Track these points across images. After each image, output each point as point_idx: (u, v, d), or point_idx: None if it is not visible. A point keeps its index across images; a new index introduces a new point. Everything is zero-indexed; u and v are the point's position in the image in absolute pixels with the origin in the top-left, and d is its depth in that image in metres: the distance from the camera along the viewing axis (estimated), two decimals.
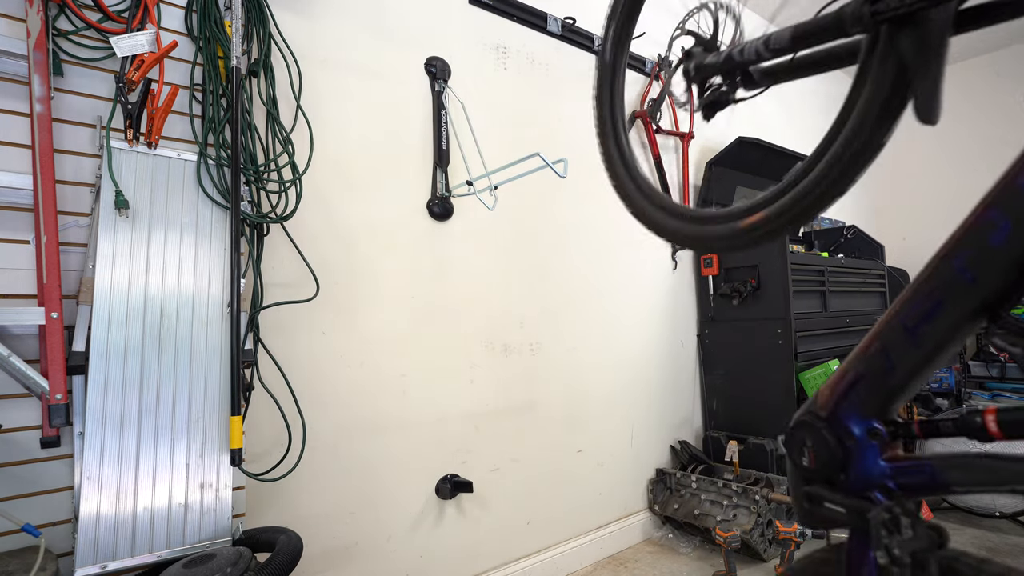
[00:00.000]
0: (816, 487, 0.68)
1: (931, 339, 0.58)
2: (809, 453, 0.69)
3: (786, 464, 0.73)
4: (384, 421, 1.75)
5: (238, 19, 1.40)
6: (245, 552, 1.15)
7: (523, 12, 2.20)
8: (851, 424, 0.66)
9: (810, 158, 0.67)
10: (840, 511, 0.64)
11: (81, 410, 1.18)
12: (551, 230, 2.27)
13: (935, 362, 0.60)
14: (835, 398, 0.68)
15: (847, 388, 0.66)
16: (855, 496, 0.63)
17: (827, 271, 2.82)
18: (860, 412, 0.66)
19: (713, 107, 0.88)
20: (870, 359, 0.64)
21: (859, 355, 0.65)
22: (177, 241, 1.32)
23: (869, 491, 0.63)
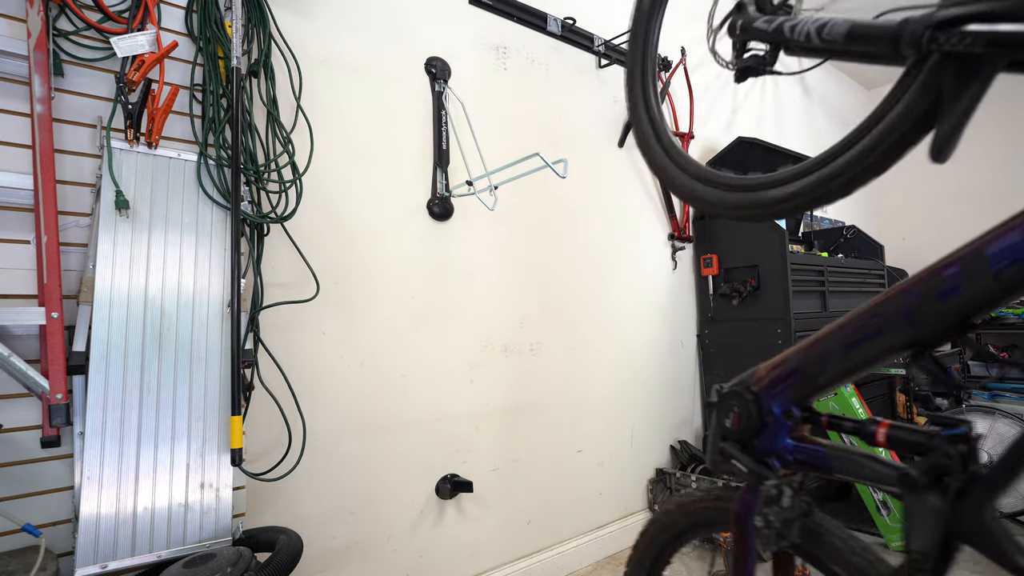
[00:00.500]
0: (731, 445, 0.82)
1: (861, 357, 0.70)
2: (734, 417, 0.83)
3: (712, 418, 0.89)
4: (384, 421, 1.75)
5: (238, 19, 1.40)
6: (245, 552, 1.15)
7: (523, 12, 2.20)
8: (774, 404, 0.80)
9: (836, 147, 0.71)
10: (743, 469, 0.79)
11: (81, 410, 1.18)
12: (551, 230, 2.27)
13: (856, 375, 0.72)
14: (769, 381, 0.80)
15: (781, 376, 0.79)
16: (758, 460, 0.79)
17: (827, 271, 2.82)
18: (784, 397, 0.79)
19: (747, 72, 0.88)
20: (807, 359, 0.76)
21: (800, 352, 0.77)
22: (177, 241, 1.32)
23: (770, 458, 0.78)
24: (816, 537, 0.75)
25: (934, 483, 0.63)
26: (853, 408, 2.37)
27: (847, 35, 0.69)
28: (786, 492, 0.73)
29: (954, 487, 0.62)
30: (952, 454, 0.62)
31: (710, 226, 2.80)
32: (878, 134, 0.68)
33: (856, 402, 2.39)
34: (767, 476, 0.76)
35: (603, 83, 2.53)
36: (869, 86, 4.93)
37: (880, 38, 0.65)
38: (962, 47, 0.56)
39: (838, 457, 0.73)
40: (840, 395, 2.39)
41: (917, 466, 0.65)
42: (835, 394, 2.40)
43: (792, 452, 0.77)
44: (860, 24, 0.68)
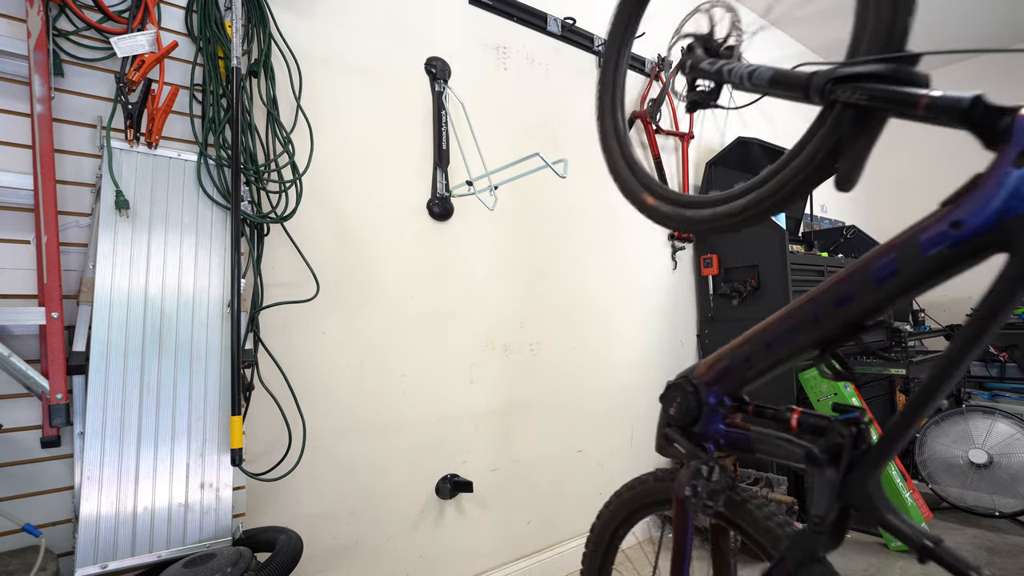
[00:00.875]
0: (674, 430, 0.98)
1: (779, 354, 0.84)
2: (676, 406, 0.98)
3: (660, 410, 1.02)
4: (384, 421, 1.75)
5: (238, 19, 1.40)
6: (245, 552, 1.15)
7: (523, 12, 2.20)
8: (710, 396, 0.94)
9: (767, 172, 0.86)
10: (682, 451, 0.95)
11: (81, 410, 1.18)
12: (551, 230, 2.27)
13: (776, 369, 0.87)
14: (707, 375, 0.94)
15: (716, 371, 0.93)
16: (696, 443, 0.94)
17: (827, 271, 2.82)
18: (719, 389, 0.93)
19: (695, 105, 1.06)
20: (737, 357, 0.90)
21: (733, 350, 0.90)
22: (177, 241, 1.32)
23: (706, 442, 0.93)
24: (738, 506, 0.90)
25: (832, 459, 0.75)
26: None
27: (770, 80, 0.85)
28: (715, 469, 0.88)
29: (845, 462, 0.74)
30: (845, 435, 0.75)
31: None
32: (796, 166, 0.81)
33: (856, 402, 2.39)
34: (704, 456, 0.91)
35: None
36: None
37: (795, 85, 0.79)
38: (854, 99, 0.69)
39: (759, 439, 0.88)
40: (840, 395, 2.39)
41: (818, 445, 0.77)
42: (835, 394, 2.40)
43: (724, 436, 0.92)
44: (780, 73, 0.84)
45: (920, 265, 0.66)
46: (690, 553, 0.99)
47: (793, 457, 0.82)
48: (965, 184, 0.64)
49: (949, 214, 0.64)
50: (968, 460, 2.57)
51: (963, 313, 4.03)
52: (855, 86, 0.70)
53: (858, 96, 0.69)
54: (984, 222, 0.61)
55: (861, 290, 0.71)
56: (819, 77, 0.74)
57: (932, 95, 0.63)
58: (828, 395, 2.42)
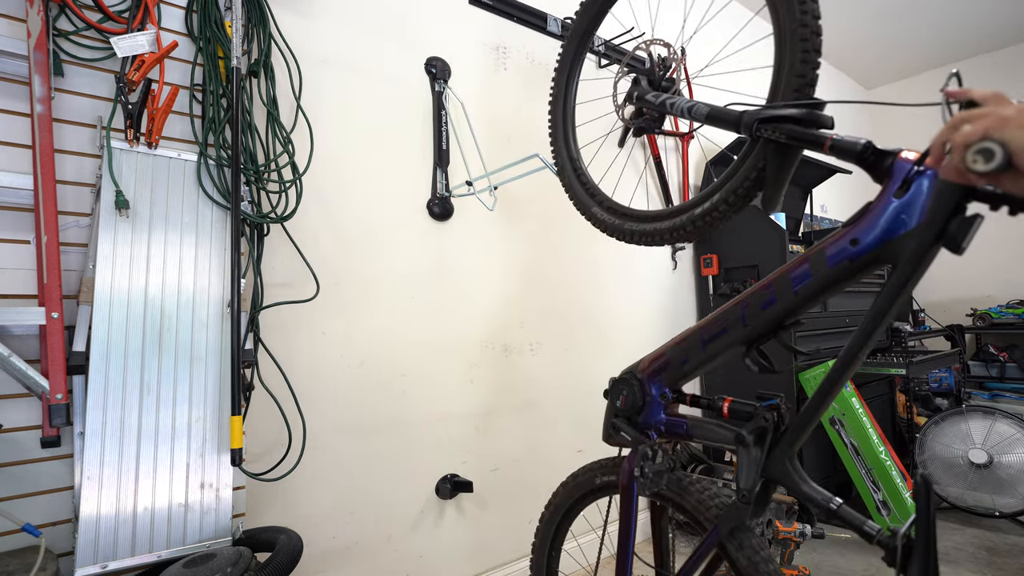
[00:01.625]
0: (621, 420, 1.08)
1: (713, 350, 0.96)
2: (623, 398, 1.09)
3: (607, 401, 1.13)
4: (384, 421, 1.75)
5: (238, 19, 1.40)
6: (245, 552, 1.15)
7: (523, 12, 2.20)
8: (652, 388, 1.06)
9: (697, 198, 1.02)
10: (628, 439, 1.06)
11: (81, 410, 1.18)
12: (551, 230, 2.27)
13: (712, 364, 0.99)
14: (650, 370, 1.07)
15: (658, 366, 1.05)
16: (640, 431, 1.05)
17: None
18: (660, 382, 1.06)
19: (640, 131, 1.25)
20: (676, 352, 1.02)
21: (672, 347, 1.03)
22: (177, 241, 1.32)
23: (649, 429, 1.05)
24: (679, 485, 1.03)
25: (757, 440, 0.88)
26: (853, 407, 2.37)
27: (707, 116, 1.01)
28: (659, 452, 1.01)
29: (768, 442, 0.87)
30: (768, 419, 0.87)
31: None
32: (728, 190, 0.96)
33: (856, 402, 2.39)
34: (647, 441, 1.04)
35: (603, 83, 2.53)
36: (869, 86, 4.93)
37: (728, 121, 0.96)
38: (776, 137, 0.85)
39: (695, 425, 1.00)
40: (841, 395, 2.39)
41: (746, 428, 0.89)
42: None
43: (664, 424, 1.04)
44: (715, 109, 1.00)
45: (827, 274, 0.81)
46: (635, 532, 1.09)
47: (725, 440, 0.94)
48: (860, 210, 0.79)
49: (849, 233, 0.79)
50: (968, 460, 2.57)
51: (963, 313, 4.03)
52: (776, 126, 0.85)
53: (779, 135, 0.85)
54: (874, 240, 0.76)
55: (781, 295, 0.86)
56: (748, 116, 0.89)
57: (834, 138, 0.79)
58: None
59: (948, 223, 0.68)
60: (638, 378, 1.08)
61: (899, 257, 0.74)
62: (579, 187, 1.33)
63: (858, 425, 2.36)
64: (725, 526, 0.92)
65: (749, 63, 2.98)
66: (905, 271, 0.73)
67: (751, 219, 2.64)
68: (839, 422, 2.41)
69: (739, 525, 0.91)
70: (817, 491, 0.82)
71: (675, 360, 1.02)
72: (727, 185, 0.96)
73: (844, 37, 4.01)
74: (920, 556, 0.69)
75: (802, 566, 2.06)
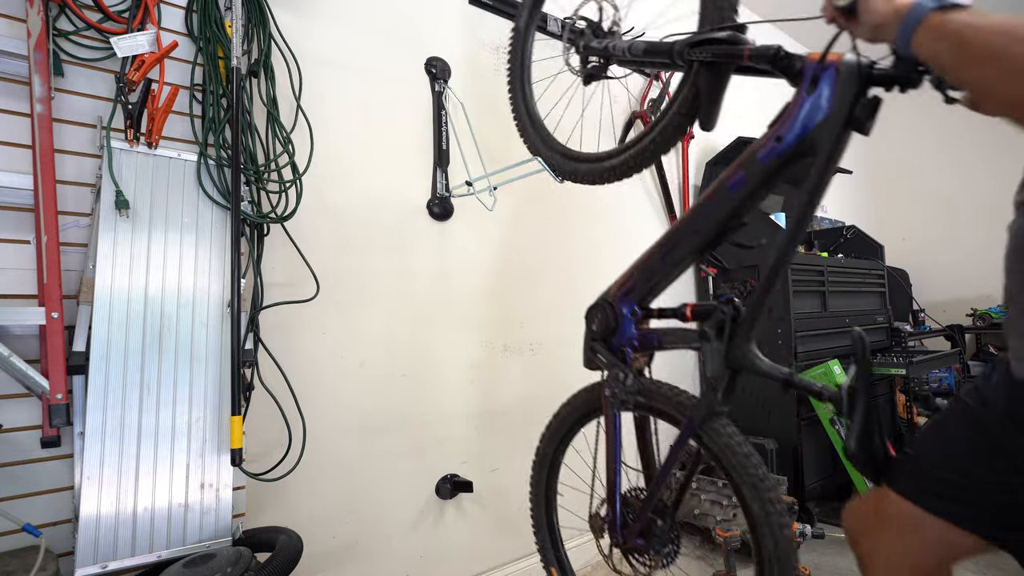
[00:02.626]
0: (598, 343, 1.19)
1: (671, 263, 1.09)
2: (597, 322, 1.19)
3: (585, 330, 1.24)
4: (384, 421, 1.75)
5: (238, 19, 1.40)
6: (245, 552, 1.15)
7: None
8: (623, 308, 1.16)
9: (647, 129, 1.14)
10: (604, 360, 1.17)
11: (81, 410, 1.18)
12: (551, 230, 2.27)
13: (672, 276, 1.12)
14: (619, 292, 1.17)
15: (626, 287, 1.16)
16: (616, 351, 1.16)
17: (827, 271, 2.82)
18: (629, 301, 1.16)
19: (590, 78, 1.36)
20: (641, 272, 1.14)
21: (636, 268, 1.14)
22: (177, 241, 1.32)
23: (624, 347, 1.15)
24: (649, 394, 1.13)
25: (718, 333, 0.98)
26: None
27: (644, 51, 1.13)
28: (629, 375, 1.13)
29: (728, 333, 0.97)
30: (725, 311, 0.97)
31: None
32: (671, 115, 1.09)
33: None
34: (619, 366, 1.14)
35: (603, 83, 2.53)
36: None
37: (663, 52, 1.08)
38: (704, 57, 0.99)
39: (664, 334, 1.11)
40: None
41: (707, 324, 1.00)
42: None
43: (637, 339, 1.15)
44: (651, 44, 1.12)
45: (760, 171, 0.93)
46: (621, 442, 1.19)
47: (690, 339, 1.05)
48: (780, 111, 0.91)
49: (774, 132, 0.91)
50: None
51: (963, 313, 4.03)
52: (704, 48, 0.99)
53: (706, 55, 0.99)
54: (795, 135, 0.88)
55: (722, 201, 0.98)
56: (679, 44, 1.03)
57: (751, 47, 0.93)
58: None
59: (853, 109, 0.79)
60: (609, 302, 1.18)
61: (817, 145, 0.85)
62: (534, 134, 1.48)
63: None
64: (698, 415, 1.00)
65: None
66: (823, 158, 0.84)
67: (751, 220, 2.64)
68: (839, 422, 2.41)
69: (710, 413, 0.99)
70: (772, 367, 0.94)
71: (640, 278, 1.14)
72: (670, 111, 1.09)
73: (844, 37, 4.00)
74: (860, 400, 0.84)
75: (802, 566, 2.06)
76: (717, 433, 0.99)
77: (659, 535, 1.14)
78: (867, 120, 0.80)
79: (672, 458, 1.08)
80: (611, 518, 1.19)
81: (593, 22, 1.35)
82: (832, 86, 0.82)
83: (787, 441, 2.50)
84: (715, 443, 0.99)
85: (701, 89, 1.02)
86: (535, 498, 1.46)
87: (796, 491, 2.45)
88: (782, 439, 2.50)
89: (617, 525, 1.18)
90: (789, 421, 2.49)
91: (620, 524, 1.17)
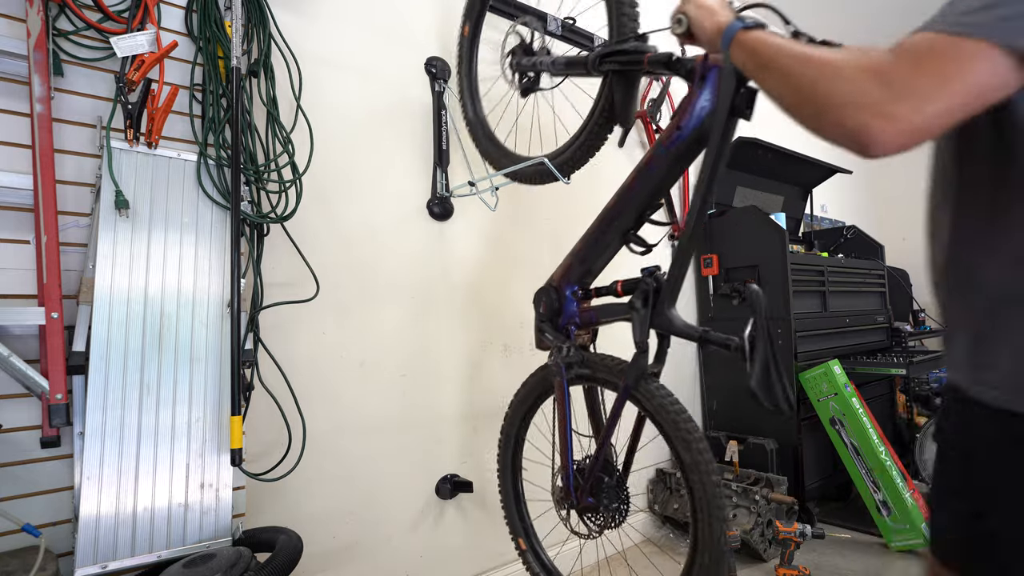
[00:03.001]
0: (545, 324, 1.35)
1: (602, 245, 1.27)
2: (543, 305, 1.35)
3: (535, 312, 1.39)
4: (384, 421, 1.75)
5: (238, 19, 1.40)
6: (245, 552, 1.15)
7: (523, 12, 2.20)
8: (565, 289, 1.32)
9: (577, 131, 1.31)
10: (551, 339, 1.32)
11: (81, 410, 1.18)
12: (551, 230, 2.27)
13: (605, 256, 1.29)
14: (560, 276, 1.34)
15: (565, 271, 1.33)
16: (561, 330, 1.33)
17: (827, 271, 2.82)
18: (570, 283, 1.32)
19: (526, 91, 1.55)
20: (578, 255, 1.31)
21: (572, 253, 1.32)
22: (177, 241, 1.32)
23: (569, 325, 1.31)
24: (591, 365, 1.27)
25: (644, 303, 1.11)
26: (853, 408, 2.37)
27: (565, 64, 1.33)
28: (571, 350, 1.27)
29: (652, 301, 1.10)
30: (650, 283, 1.12)
31: (710, 226, 2.80)
32: (594, 120, 1.23)
33: (856, 402, 2.39)
34: (564, 342, 1.29)
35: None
36: None
37: (580, 64, 1.26)
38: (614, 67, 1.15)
39: (599, 310, 1.26)
40: (840, 395, 2.39)
41: (634, 296, 1.13)
42: (835, 394, 2.40)
43: (579, 317, 1.31)
44: (570, 58, 1.32)
45: (667, 156, 1.10)
46: (571, 411, 1.30)
47: (621, 312, 1.17)
48: (679, 104, 1.07)
49: (675, 124, 1.06)
50: None
51: None
52: (612, 58, 1.14)
53: (615, 64, 1.14)
54: (692, 125, 1.04)
55: (642, 186, 1.15)
56: (592, 56, 1.18)
57: (649, 55, 1.08)
58: (828, 395, 2.42)
59: (735, 100, 0.94)
60: (553, 286, 1.35)
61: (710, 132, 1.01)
62: (484, 139, 1.64)
63: (858, 425, 2.36)
64: (631, 376, 1.11)
65: None
66: (715, 142, 0.99)
67: (751, 220, 2.64)
68: (839, 422, 2.41)
69: (642, 374, 1.10)
70: (688, 326, 1.07)
71: (575, 261, 1.31)
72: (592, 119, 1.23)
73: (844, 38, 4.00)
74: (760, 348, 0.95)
75: (802, 566, 2.06)
76: (651, 394, 1.10)
77: (607, 492, 1.25)
78: (747, 108, 0.96)
79: (613, 419, 1.21)
80: (565, 481, 1.30)
81: (524, 42, 1.54)
82: (716, 82, 0.98)
83: (787, 441, 2.50)
84: (649, 403, 1.11)
85: (615, 94, 1.16)
86: (502, 474, 1.58)
87: (796, 491, 2.45)
88: (782, 439, 2.51)
89: (571, 487, 1.28)
90: (789, 421, 2.49)
91: (573, 486, 1.28)
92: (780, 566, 2.04)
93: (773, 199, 3.29)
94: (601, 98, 1.21)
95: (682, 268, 1.08)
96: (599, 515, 1.27)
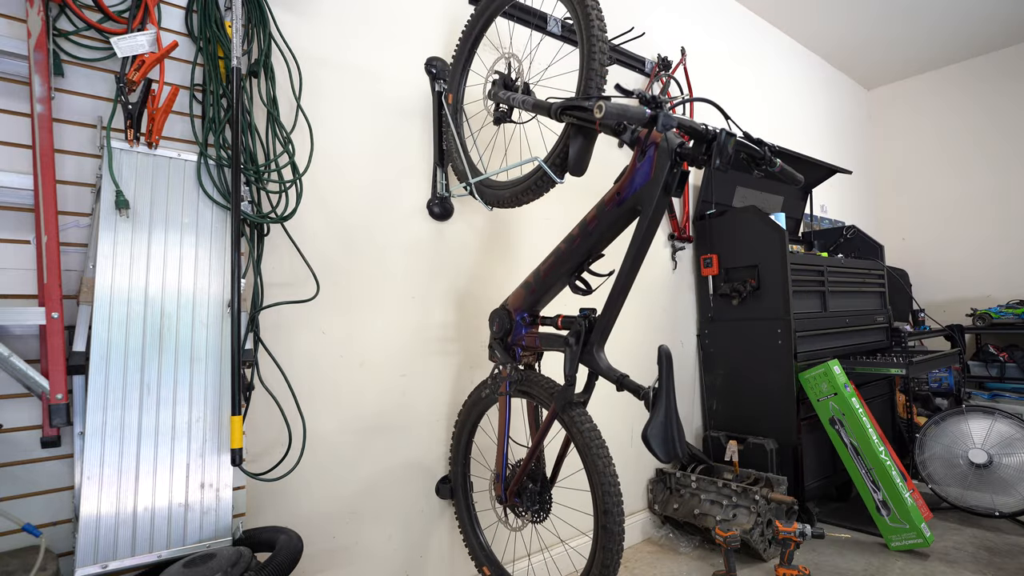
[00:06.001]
0: (497, 343, 1.54)
1: (549, 281, 1.42)
2: (497, 324, 1.54)
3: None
4: (384, 421, 1.75)
5: (238, 19, 1.40)
6: (245, 552, 1.15)
7: (523, 12, 2.20)
8: (517, 315, 1.51)
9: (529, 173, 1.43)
10: (498, 356, 1.53)
11: (81, 410, 1.18)
12: (551, 230, 2.27)
13: (550, 294, 1.45)
14: (513, 301, 1.51)
15: (518, 298, 1.50)
16: (509, 349, 1.52)
17: (827, 271, 2.82)
18: (521, 309, 1.50)
19: (499, 121, 1.66)
20: (529, 287, 1.46)
21: (525, 284, 1.48)
22: (177, 241, 1.32)
23: (516, 345, 1.52)
24: (530, 384, 1.45)
25: (576, 340, 1.25)
26: (853, 408, 2.37)
27: (533, 106, 1.39)
28: (513, 369, 1.49)
29: (583, 340, 1.24)
30: (581, 324, 1.25)
31: (710, 226, 2.80)
32: (550, 162, 1.32)
33: (856, 402, 2.39)
34: (510, 362, 1.50)
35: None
36: (869, 86, 4.93)
37: (544, 108, 1.32)
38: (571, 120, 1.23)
39: (542, 338, 1.44)
40: (840, 395, 2.39)
41: (568, 332, 1.27)
42: (835, 393, 2.40)
43: (525, 340, 1.49)
44: (538, 102, 1.37)
45: (609, 217, 1.23)
46: (509, 420, 1.55)
47: (559, 344, 1.32)
48: (622, 172, 1.19)
49: (618, 190, 1.19)
50: (968, 460, 2.57)
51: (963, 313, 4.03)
52: (571, 113, 1.22)
53: (572, 119, 1.23)
54: (630, 192, 1.15)
55: (584, 237, 1.30)
56: (555, 107, 1.26)
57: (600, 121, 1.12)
58: (828, 395, 2.43)
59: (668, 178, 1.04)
60: (507, 309, 1.53)
61: (643, 202, 1.11)
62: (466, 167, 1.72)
63: (858, 425, 2.36)
64: (559, 402, 1.29)
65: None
66: (647, 212, 1.10)
67: (751, 220, 2.64)
68: (839, 422, 2.41)
69: (568, 402, 1.28)
70: (609, 368, 1.21)
71: (526, 292, 1.48)
72: (551, 158, 1.32)
73: (844, 39, 4.01)
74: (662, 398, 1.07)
75: (802, 566, 2.06)
76: (573, 420, 1.28)
77: (529, 496, 1.48)
78: (678, 188, 1.08)
79: (540, 436, 1.40)
80: (500, 479, 1.53)
81: (505, 76, 1.64)
82: (653, 158, 1.07)
83: (787, 441, 2.50)
84: (573, 427, 1.26)
85: (571, 142, 1.24)
86: (453, 470, 1.77)
87: (796, 491, 2.45)
88: (782, 439, 2.51)
89: (503, 486, 1.52)
90: (789, 421, 2.50)
91: (504, 486, 1.52)
92: (780, 566, 2.04)
93: (773, 199, 3.29)
94: (559, 145, 1.30)
95: (612, 313, 1.21)
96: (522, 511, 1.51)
